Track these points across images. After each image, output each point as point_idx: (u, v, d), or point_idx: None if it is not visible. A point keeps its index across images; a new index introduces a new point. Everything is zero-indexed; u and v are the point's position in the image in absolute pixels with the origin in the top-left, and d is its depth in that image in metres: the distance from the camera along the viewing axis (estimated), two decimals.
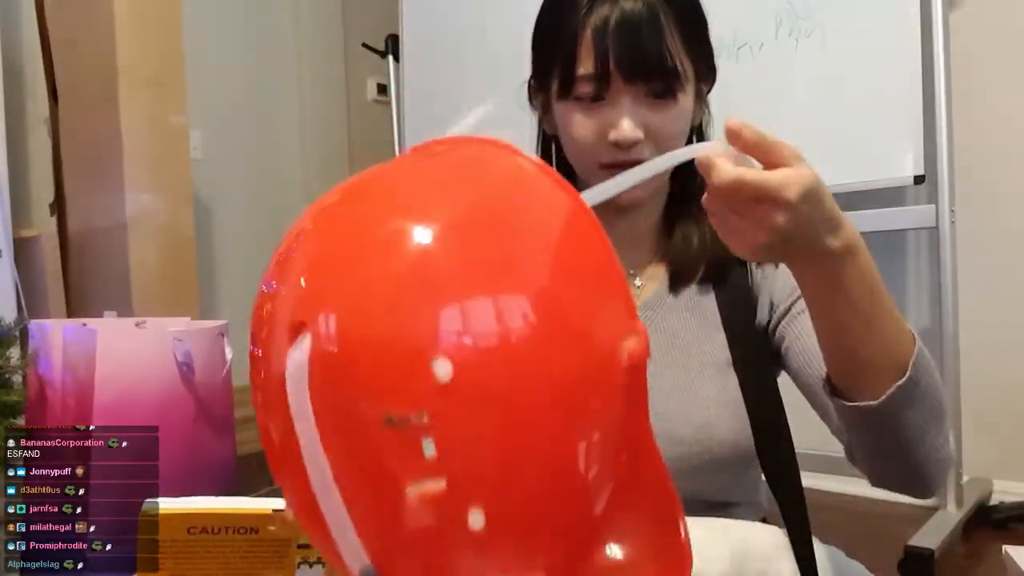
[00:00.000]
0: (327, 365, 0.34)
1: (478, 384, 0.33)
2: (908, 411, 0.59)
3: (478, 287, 0.34)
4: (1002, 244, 2.00)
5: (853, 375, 0.59)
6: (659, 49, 0.72)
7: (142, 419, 1.16)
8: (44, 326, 1.21)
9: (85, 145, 2.49)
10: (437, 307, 0.34)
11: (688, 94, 0.76)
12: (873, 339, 0.58)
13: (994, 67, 1.98)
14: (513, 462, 0.34)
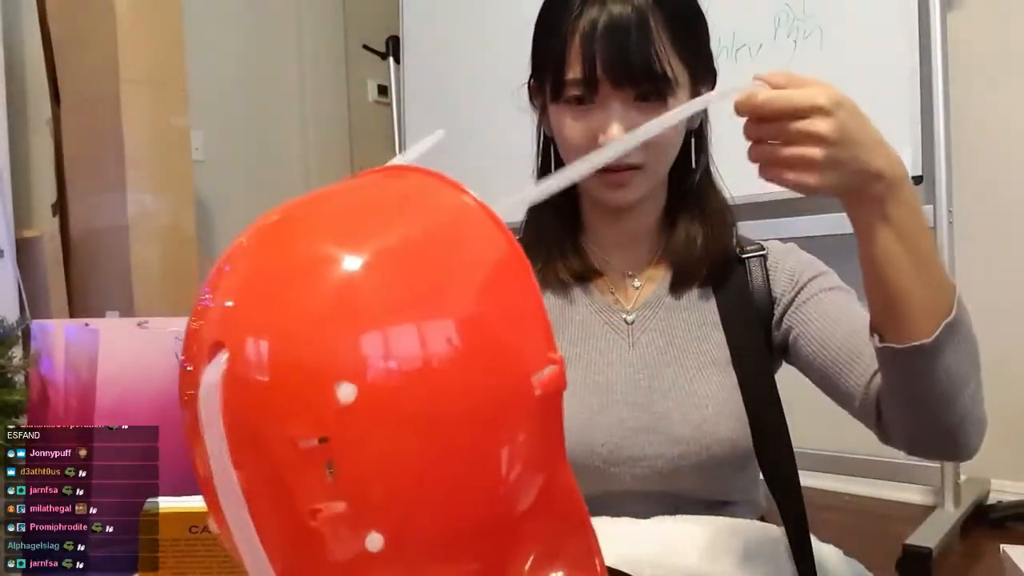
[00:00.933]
0: (238, 385, 0.35)
1: (384, 407, 0.34)
2: (954, 353, 0.59)
3: (396, 313, 0.35)
4: (1000, 244, 2.00)
5: (902, 315, 0.59)
6: (646, 54, 0.72)
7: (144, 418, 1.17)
8: (46, 326, 1.21)
9: (87, 146, 2.50)
10: (349, 332, 0.34)
11: (681, 97, 0.75)
12: (921, 276, 0.58)
13: (992, 68, 1.98)
14: (422, 484, 0.35)
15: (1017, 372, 1.98)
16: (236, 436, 0.35)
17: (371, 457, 0.34)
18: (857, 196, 0.58)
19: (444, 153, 1.20)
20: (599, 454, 0.77)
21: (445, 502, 0.36)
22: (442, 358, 0.35)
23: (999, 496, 1.97)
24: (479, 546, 0.38)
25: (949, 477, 1.81)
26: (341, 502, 0.34)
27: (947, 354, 0.59)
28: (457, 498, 0.36)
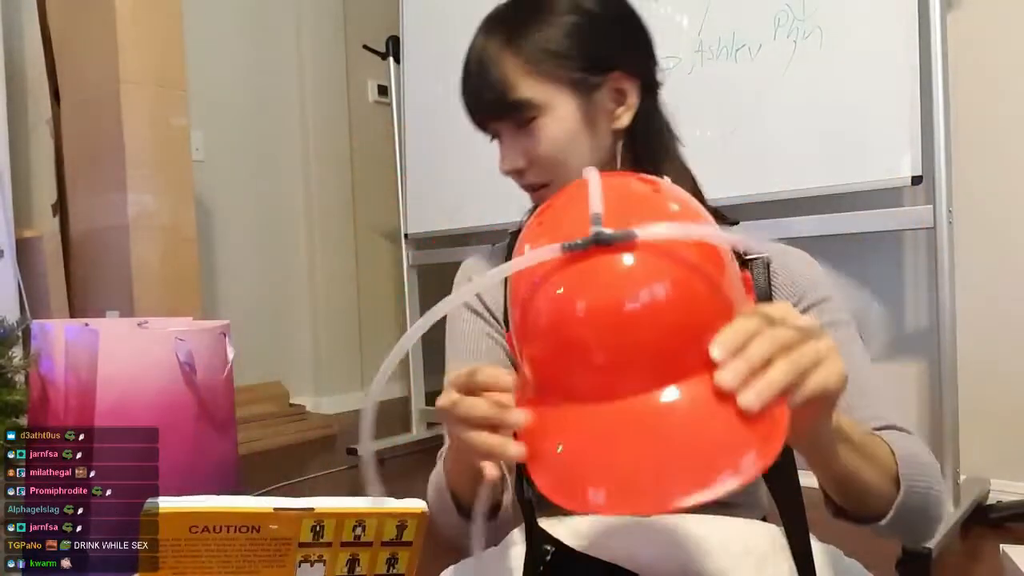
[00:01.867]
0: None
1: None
2: (907, 515, 0.64)
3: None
4: (1000, 244, 2.00)
5: (860, 504, 0.64)
6: (493, 89, 0.77)
7: (144, 418, 1.17)
8: (46, 326, 1.21)
9: (87, 146, 2.50)
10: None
11: (557, 114, 0.76)
12: (874, 469, 0.61)
13: (992, 68, 1.98)
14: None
15: (1016, 372, 1.98)
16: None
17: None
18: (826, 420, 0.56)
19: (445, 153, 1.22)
20: None
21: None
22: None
23: (999, 496, 1.97)
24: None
25: (949, 477, 1.81)
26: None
27: (900, 521, 0.63)
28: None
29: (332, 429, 3.21)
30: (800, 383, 0.46)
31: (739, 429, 0.44)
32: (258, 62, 3.48)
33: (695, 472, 0.44)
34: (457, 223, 2.67)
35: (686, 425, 0.46)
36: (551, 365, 0.50)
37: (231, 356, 1.38)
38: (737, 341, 0.46)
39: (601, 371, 0.47)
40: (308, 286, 3.66)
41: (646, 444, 0.46)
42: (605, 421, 0.47)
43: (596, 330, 0.47)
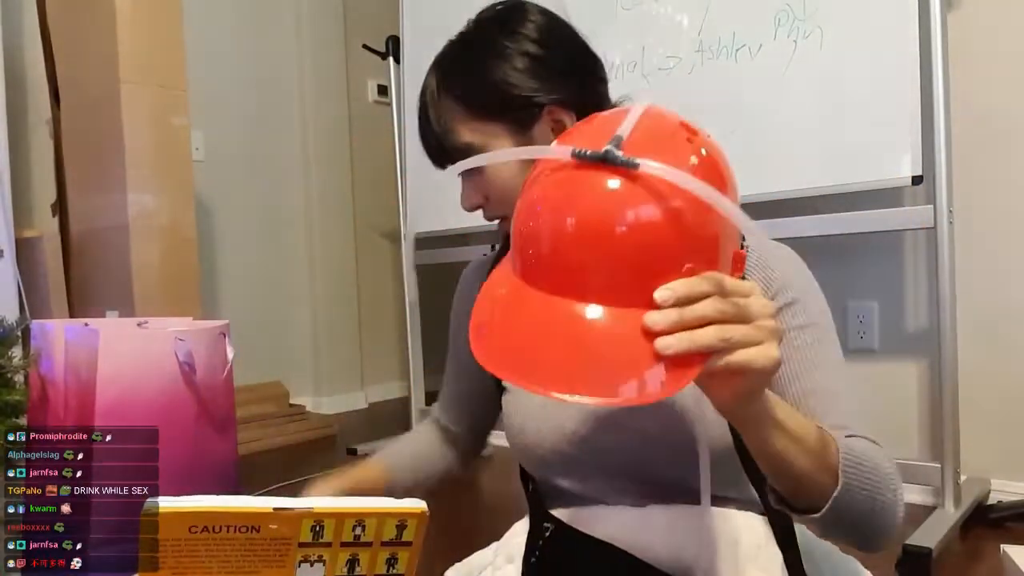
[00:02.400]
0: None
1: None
2: (848, 513, 0.64)
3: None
4: (1000, 244, 2.00)
5: (798, 493, 0.64)
6: (437, 137, 0.84)
7: (144, 418, 1.17)
8: (46, 326, 1.21)
9: (87, 146, 2.50)
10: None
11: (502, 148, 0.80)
12: (812, 460, 0.62)
13: (992, 68, 1.98)
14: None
15: (1016, 372, 1.98)
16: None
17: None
18: (753, 417, 0.59)
19: None
20: (570, 440, 0.80)
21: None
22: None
23: (999, 496, 1.97)
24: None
25: (949, 477, 1.81)
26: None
27: (837, 518, 0.63)
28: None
29: (332, 429, 3.21)
30: (724, 351, 0.49)
31: (644, 360, 0.49)
32: (258, 62, 3.48)
33: (598, 378, 0.49)
34: (457, 223, 2.67)
35: (603, 340, 0.50)
36: (526, 246, 0.55)
37: (231, 356, 1.38)
38: (683, 294, 0.49)
39: (560, 267, 0.52)
40: (308, 286, 3.66)
41: (566, 344, 0.51)
42: (545, 310, 0.52)
43: (572, 232, 0.52)
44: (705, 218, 0.52)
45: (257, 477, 2.40)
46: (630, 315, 0.50)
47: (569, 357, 0.50)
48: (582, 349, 0.50)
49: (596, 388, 0.49)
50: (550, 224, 0.53)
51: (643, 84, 2.17)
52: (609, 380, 0.49)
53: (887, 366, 2.15)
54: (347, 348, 3.73)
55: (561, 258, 0.52)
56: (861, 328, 2.18)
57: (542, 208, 0.54)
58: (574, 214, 0.52)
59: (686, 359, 0.49)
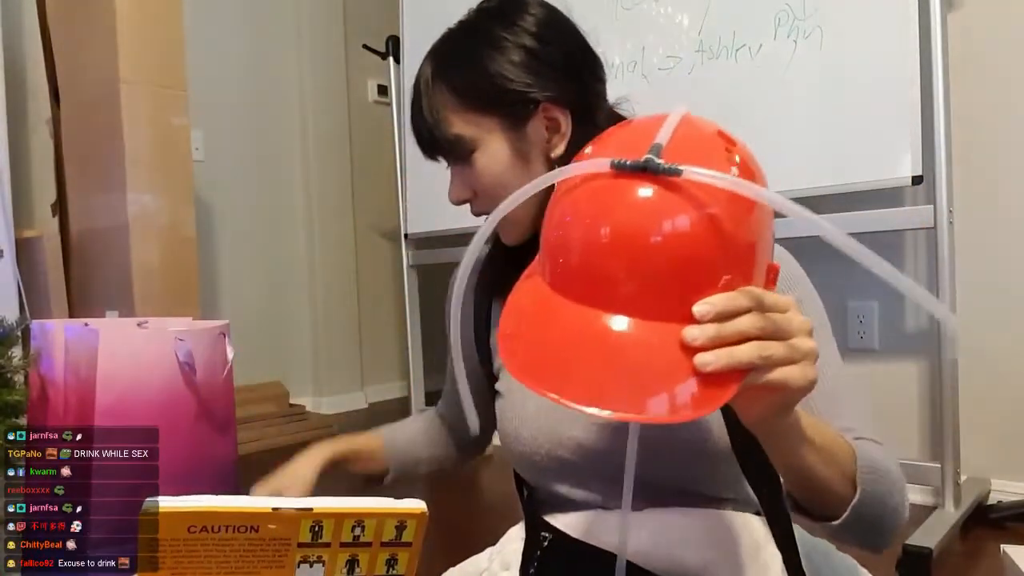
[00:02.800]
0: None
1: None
2: (861, 519, 0.64)
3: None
4: (1000, 244, 2.00)
5: (818, 501, 0.65)
6: (429, 128, 0.81)
7: (143, 418, 1.17)
8: (46, 326, 1.21)
9: (87, 145, 2.50)
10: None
11: (491, 147, 0.79)
12: (832, 470, 0.62)
13: (992, 68, 1.98)
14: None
15: (1016, 372, 1.98)
16: None
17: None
18: (782, 428, 0.58)
19: None
20: (567, 446, 0.79)
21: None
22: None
23: (999, 496, 1.97)
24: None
25: (949, 477, 1.81)
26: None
27: (854, 524, 0.64)
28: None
29: (332, 429, 3.21)
30: (762, 369, 0.48)
31: (678, 376, 0.47)
32: (258, 62, 3.48)
33: (630, 392, 0.48)
34: (457, 223, 2.66)
35: (636, 354, 0.49)
36: (558, 256, 0.54)
37: (231, 356, 1.38)
38: (722, 309, 0.48)
39: (595, 278, 0.51)
40: (308, 286, 3.66)
41: (598, 357, 0.49)
42: (577, 321, 0.51)
43: (611, 243, 0.50)
44: (744, 229, 0.51)
45: (257, 477, 2.39)
46: (664, 329, 0.49)
47: (601, 370, 0.48)
48: (614, 362, 0.49)
49: (627, 404, 0.47)
50: (587, 234, 0.51)
51: (643, 84, 2.17)
52: (640, 395, 0.47)
53: (887, 366, 2.15)
54: (347, 348, 3.73)
55: (597, 269, 0.50)
56: (861, 328, 2.18)
57: (578, 218, 0.52)
58: (613, 224, 0.50)
59: (722, 376, 0.47)
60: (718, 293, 0.49)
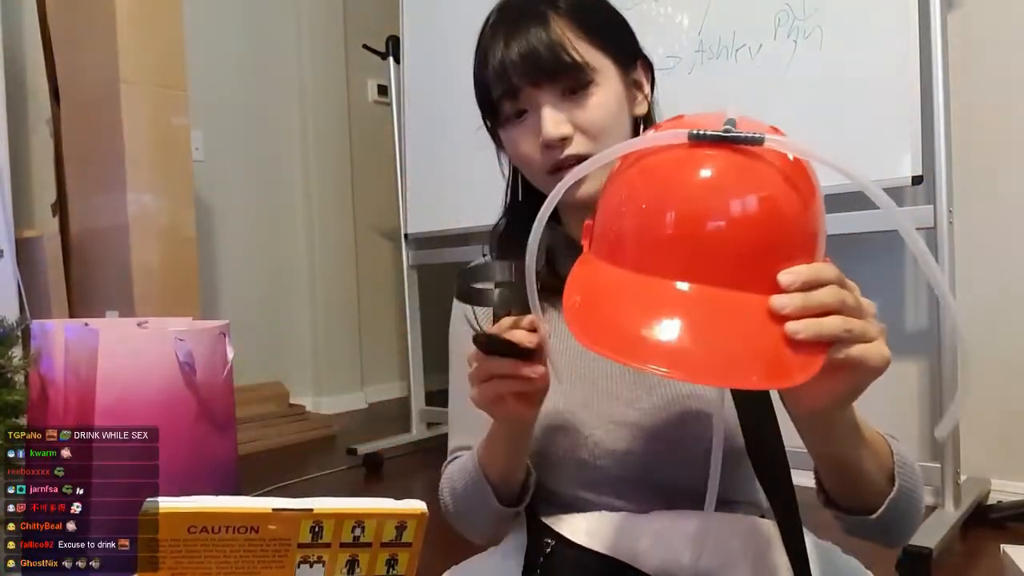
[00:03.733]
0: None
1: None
2: (896, 513, 0.64)
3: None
4: (1000, 244, 2.00)
5: (857, 491, 0.64)
6: (550, 47, 0.74)
7: (144, 418, 1.17)
8: (46, 326, 1.21)
9: (87, 145, 2.50)
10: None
11: (607, 84, 0.77)
12: (872, 460, 0.62)
13: (992, 68, 1.98)
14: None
15: (1017, 372, 1.98)
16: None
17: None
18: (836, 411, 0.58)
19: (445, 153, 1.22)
20: (584, 446, 0.79)
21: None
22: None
23: (999, 496, 1.97)
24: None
25: (949, 477, 1.81)
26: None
27: (888, 518, 0.64)
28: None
29: (332, 429, 3.21)
30: (846, 343, 0.48)
31: (778, 346, 0.47)
32: (258, 62, 3.48)
33: (725, 361, 0.47)
34: (457, 223, 2.67)
35: (738, 322, 0.48)
36: (639, 232, 0.52)
37: (231, 356, 1.38)
38: (808, 278, 0.48)
39: (678, 249, 0.49)
40: (308, 286, 3.66)
41: (698, 323, 0.48)
42: (669, 295, 0.49)
43: (700, 213, 0.49)
44: (815, 205, 0.51)
45: (257, 477, 2.40)
46: (746, 299, 0.48)
47: (696, 340, 0.47)
48: (703, 332, 0.48)
49: (721, 373, 0.47)
50: (672, 205, 0.50)
51: None
52: (735, 364, 0.47)
53: None
54: (347, 348, 3.73)
55: (680, 239, 0.49)
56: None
57: (659, 189, 0.51)
58: (708, 195, 0.49)
59: (809, 346, 0.47)
60: (803, 264, 0.49)
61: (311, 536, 0.59)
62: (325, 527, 0.59)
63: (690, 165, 0.50)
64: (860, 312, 0.49)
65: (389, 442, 2.80)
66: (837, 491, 0.66)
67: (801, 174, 0.51)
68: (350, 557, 0.60)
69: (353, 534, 0.59)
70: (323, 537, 0.59)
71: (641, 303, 0.50)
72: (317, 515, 0.59)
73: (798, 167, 0.51)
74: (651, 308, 0.49)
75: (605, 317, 0.51)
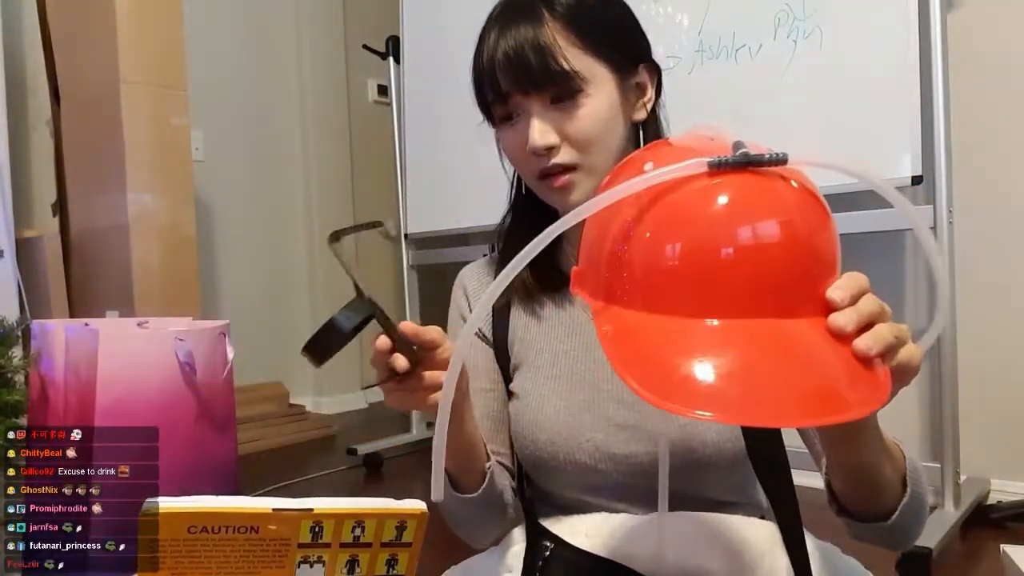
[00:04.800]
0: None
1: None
2: (909, 517, 0.65)
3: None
4: (1000, 244, 2.00)
5: (875, 498, 0.64)
6: (540, 54, 0.73)
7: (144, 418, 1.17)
8: (46, 326, 1.21)
9: (87, 146, 2.50)
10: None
11: (599, 93, 0.75)
12: (887, 461, 0.62)
13: (992, 68, 1.98)
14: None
15: (1017, 372, 1.98)
16: None
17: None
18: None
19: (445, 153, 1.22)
20: (585, 449, 0.78)
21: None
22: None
23: (999, 496, 1.97)
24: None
25: (949, 477, 1.81)
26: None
27: (901, 523, 0.64)
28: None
29: (332, 429, 3.21)
30: (895, 348, 0.47)
31: (851, 365, 0.45)
32: (258, 62, 3.48)
33: (815, 397, 0.44)
34: (457, 223, 2.67)
35: (811, 353, 0.45)
36: (671, 275, 0.48)
37: (231, 356, 1.38)
38: (853, 291, 0.47)
39: (729, 288, 0.46)
40: (308, 286, 3.66)
41: (771, 361, 0.45)
42: (724, 337, 0.46)
43: (736, 246, 0.46)
44: (833, 221, 0.50)
45: (257, 477, 2.40)
46: (808, 323, 0.47)
47: (782, 379, 0.44)
48: (800, 368, 0.45)
49: (830, 408, 0.44)
50: (703, 240, 0.47)
51: None
52: (836, 395, 0.44)
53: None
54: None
55: (715, 274, 0.46)
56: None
57: (702, 232, 0.47)
58: (744, 225, 0.46)
59: (872, 362, 0.46)
60: (842, 278, 0.49)
61: (311, 536, 0.59)
62: (325, 527, 0.59)
63: (717, 195, 0.47)
64: (889, 314, 0.49)
65: (389, 442, 2.80)
66: (853, 499, 0.65)
67: (813, 190, 0.50)
68: (350, 557, 0.60)
69: (353, 534, 0.59)
70: (323, 537, 0.59)
71: (693, 349, 0.46)
72: (317, 515, 0.59)
73: (808, 183, 0.50)
74: (707, 353, 0.45)
75: (661, 371, 0.46)
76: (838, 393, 0.44)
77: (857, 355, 0.45)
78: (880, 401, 0.45)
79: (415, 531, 0.60)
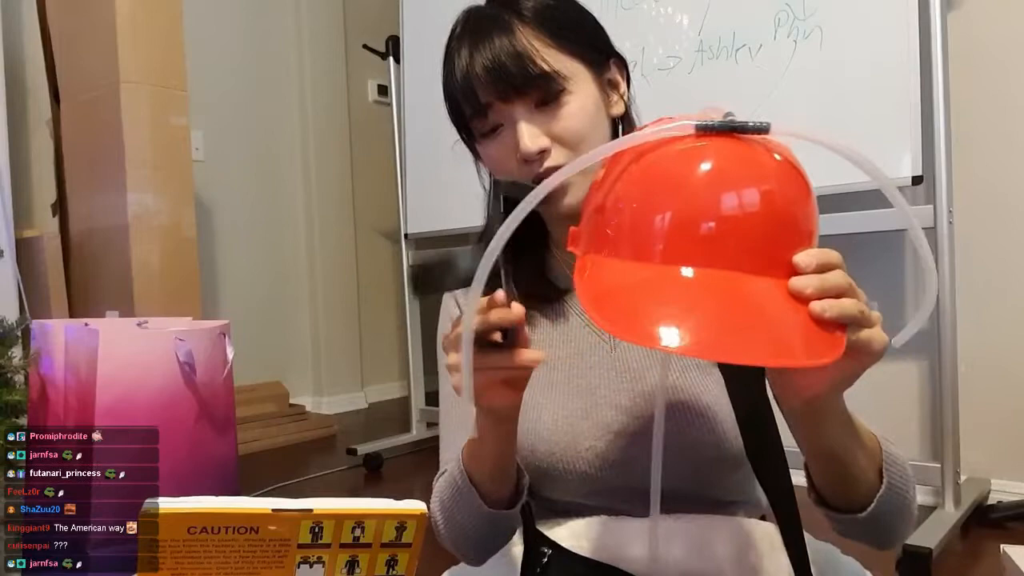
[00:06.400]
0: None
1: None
2: (887, 511, 0.65)
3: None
4: (1000, 244, 2.00)
5: (847, 487, 0.64)
6: (517, 59, 0.72)
7: (144, 418, 1.17)
8: (46, 326, 1.21)
9: (87, 146, 2.50)
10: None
11: (581, 90, 0.75)
12: (858, 449, 0.62)
13: (992, 68, 1.98)
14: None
15: (1017, 372, 1.98)
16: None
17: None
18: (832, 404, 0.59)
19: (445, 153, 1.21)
20: (585, 458, 0.77)
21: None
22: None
23: (999, 496, 1.97)
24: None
25: (949, 477, 1.81)
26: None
27: (877, 517, 0.65)
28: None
29: (332, 429, 3.21)
30: (857, 326, 0.49)
31: (806, 324, 0.48)
32: (258, 62, 3.48)
33: (767, 341, 0.47)
34: (457, 223, 2.67)
35: (770, 306, 0.48)
36: (650, 226, 0.51)
37: (231, 356, 1.38)
38: (822, 260, 0.49)
39: (702, 239, 0.49)
40: (308, 286, 3.66)
41: (727, 306, 0.48)
42: (689, 283, 0.49)
43: (714, 202, 0.49)
44: (811, 192, 0.53)
45: (257, 477, 2.40)
46: (770, 282, 0.49)
47: (752, 326, 0.48)
48: (757, 316, 0.48)
49: (766, 352, 0.47)
50: (687, 195, 0.50)
51: (643, 84, 2.17)
52: (773, 344, 0.47)
53: (887, 366, 2.14)
54: (347, 348, 3.73)
55: (694, 228, 0.50)
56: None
57: (681, 186, 0.51)
58: (721, 183, 0.50)
59: (830, 328, 0.48)
60: (811, 248, 0.50)
61: (311, 536, 0.59)
62: (325, 527, 0.59)
63: (701, 156, 0.51)
64: (860, 297, 0.50)
65: (389, 442, 2.80)
66: (828, 489, 0.65)
67: (796, 164, 0.53)
68: (350, 557, 0.60)
69: (353, 534, 0.59)
70: (323, 538, 0.59)
71: (659, 291, 0.50)
72: (317, 515, 0.59)
73: (792, 157, 0.53)
74: (670, 296, 0.49)
75: (625, 308, 0.50)
76: (788, 344, 0.47)
77: (813, 316, 0.47)
78: (832, 357, 0.47)
79: (415, 532, 0.60)
